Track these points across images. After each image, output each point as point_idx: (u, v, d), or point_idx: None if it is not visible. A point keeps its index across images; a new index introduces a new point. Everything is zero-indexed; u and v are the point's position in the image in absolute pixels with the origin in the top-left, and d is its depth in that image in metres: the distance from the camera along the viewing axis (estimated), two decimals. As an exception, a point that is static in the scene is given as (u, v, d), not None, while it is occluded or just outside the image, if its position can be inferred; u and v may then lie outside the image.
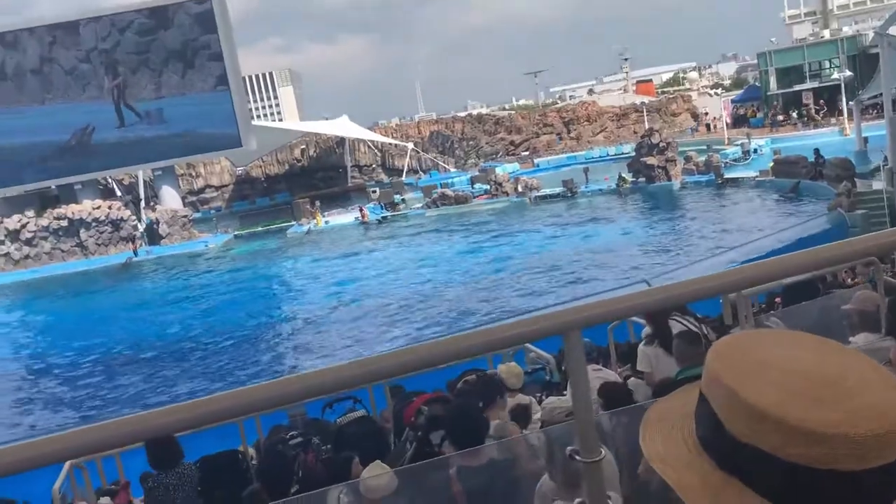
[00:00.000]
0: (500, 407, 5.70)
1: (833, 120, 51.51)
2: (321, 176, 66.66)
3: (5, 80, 47.14)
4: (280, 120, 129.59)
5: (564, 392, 6.08)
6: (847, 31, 61.52)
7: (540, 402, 6.19)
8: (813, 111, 55.15)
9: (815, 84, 57.61)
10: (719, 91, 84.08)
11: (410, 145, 64.68)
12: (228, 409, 1.59)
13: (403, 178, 58.99)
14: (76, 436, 1.54)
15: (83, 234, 45.08)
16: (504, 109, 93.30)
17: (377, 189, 51.47)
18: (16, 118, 46.47)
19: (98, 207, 45.56)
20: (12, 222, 44.84)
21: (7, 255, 44.87)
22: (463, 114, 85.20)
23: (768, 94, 60.27)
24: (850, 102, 44.79)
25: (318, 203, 48.55)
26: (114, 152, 46.71)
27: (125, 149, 46.76)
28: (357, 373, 1.64)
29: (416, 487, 3.23)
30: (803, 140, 45.03)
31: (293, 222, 46.52)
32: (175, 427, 1.59)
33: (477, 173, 51.76)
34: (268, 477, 4.87)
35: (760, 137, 50.52)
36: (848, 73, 50.88)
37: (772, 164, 36.64)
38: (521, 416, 5.42)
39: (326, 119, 73.15)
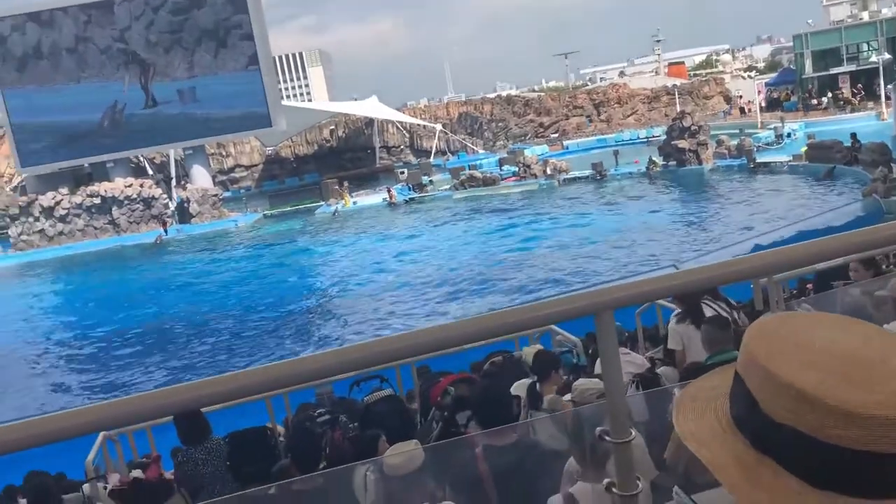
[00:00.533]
0: (555, 381, 5.76)
1: (870, 104, 50.49)
2: (350, 156, 66.82)
3: (41, 58, 47.71)
4: (309, 100, 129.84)
5: (591, 375, 6.06)
6: (886, 12, 60.02)
7: (567, 385, 6.19)
8: (849, 95, 54.07)
9: (853, 67, 56.39)
10: (753, 74, 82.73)
11: (439, 127, 64.51)
12: (258, 385, 1.61)
13: (431, 159, 58.90)
14: (107, 408, 1.56)
15: (115, 211, 45.73)
16: (534, 91, 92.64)
17: (405, 170, 51.49)
18: (51, 97, 47.04)
19: (130, 185, 46.17)
20: (47, 199, 45.59)
21: (42, 231, 45.67)
22: (492, 95, 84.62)
23: (803, 77, 59.13)
24: (888, 86, 43.84)
25: (346, 183, 48.73)
26: (145, 131, 47.19)
27: (157, 128, 47.19)
28: (387, 349, 1.65)
29: (442, 466, 3.25)
30: (839, 124, 44.22)
31: (321, 202, 46.75)
32: (204, 401, 1.61)
33: (505, 155, 51.53)
34: (297, 453, 4.93)
35: (794, 121, 49.70)
36: (887, 56, 49.79)
37: (805, 148, 36.06)
38: (568, 391, 5.47)
39: (355, 100, 73.13)
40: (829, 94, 55.14)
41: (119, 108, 47.19)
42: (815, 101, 55.64)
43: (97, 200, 45.79)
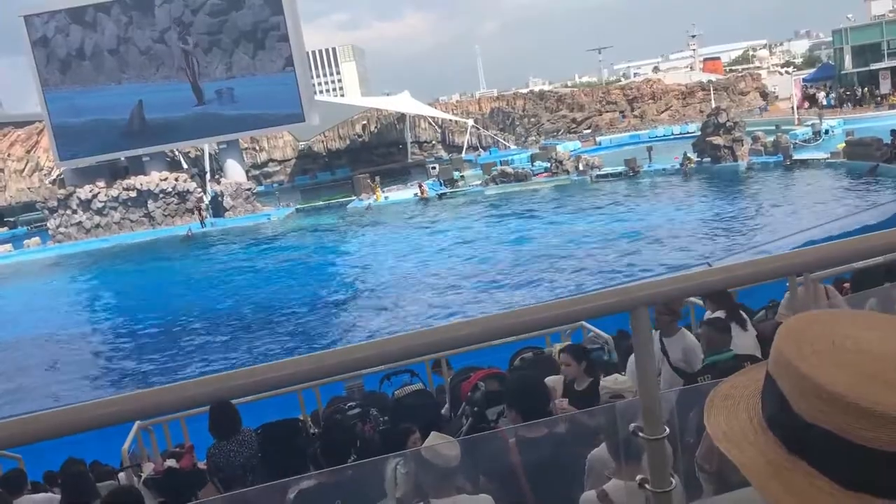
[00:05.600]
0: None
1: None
2: (381, 151, 67.02)
3: (84, 59, 48.44)
4: (342, 95, 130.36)
5: (621, 372, 6.04)
6: (930, 7, 58.81)
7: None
8: (889, 90, 52.94)
9: (894, 63, 55.25)
10: (790, 69, 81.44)
11: (471, 122, 64.39)
12: (289, 376, 1.63)
13: (463, 154, 58.82)
14: (142, 397, 1.59)
15: (151, 204, 46.36)
16: (566, 86, 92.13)
17: (437, 165, 51.46)
18: (94, 97, 47.74)
19: (165, 179, 46.76)
20: (84, 192, 46.35)
21: (79, 223, 46.44)
22: (524, 90, 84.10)
23: (843, 72, 58.06)
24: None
25: (377, 178, 48.88)
26: (181, 126, 47.70)
27: (192, 123, 47.71)
28: (417, 344, 1.66)
29: (475, 459, 3.27)
30: (879, 121, 43.37)
31: (353, 197, 46.95)
32: (236, 392, 1.63)
33: (537, 151, 51.29)
34: (329, 445, 4.97)
35: (833, 118, 48.81)
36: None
37: (843, 145, 35.44)
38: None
39: (388, 95, 73.30)
40: (868, 90, 54.07)
41: (140, 105, 47.70)
42: (853, 97, 54.54)
43: (133, 193, 46.46)
